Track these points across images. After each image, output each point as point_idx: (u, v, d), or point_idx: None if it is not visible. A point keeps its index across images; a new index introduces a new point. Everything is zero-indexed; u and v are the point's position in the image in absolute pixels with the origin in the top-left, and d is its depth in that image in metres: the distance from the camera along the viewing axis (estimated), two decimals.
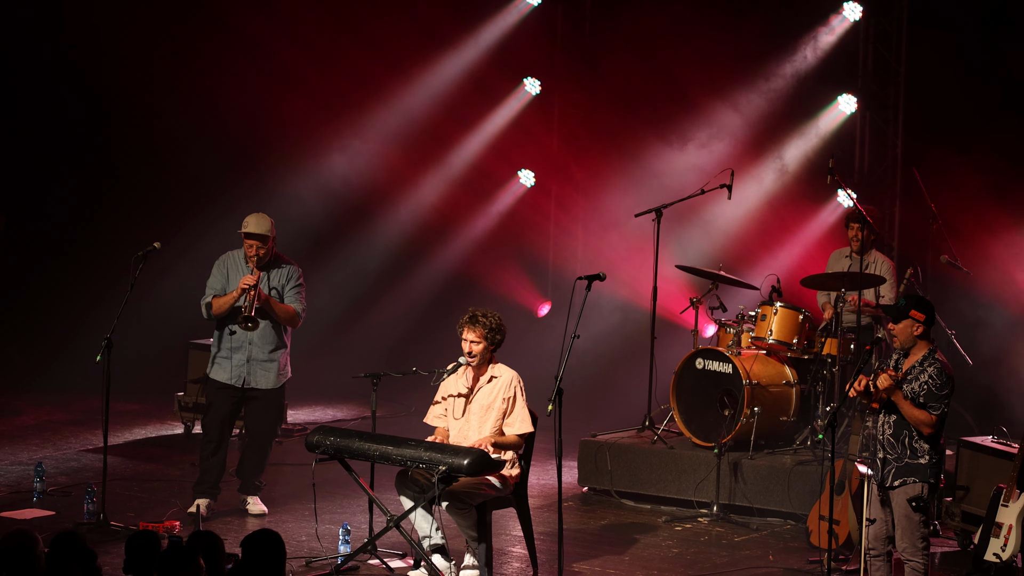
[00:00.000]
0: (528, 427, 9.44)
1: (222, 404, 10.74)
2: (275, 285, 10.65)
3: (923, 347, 8.58)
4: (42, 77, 15.81)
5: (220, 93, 15.90)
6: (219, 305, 10.57)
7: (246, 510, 10.83)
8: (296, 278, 10.70)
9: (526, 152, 16.47)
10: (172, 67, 15.85)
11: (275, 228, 10.63)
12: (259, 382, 10.67)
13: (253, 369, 10.65)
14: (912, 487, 8.49)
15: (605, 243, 15.75)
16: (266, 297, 10.51)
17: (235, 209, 15.73)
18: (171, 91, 15.88)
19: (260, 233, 10.53)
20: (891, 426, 8.54)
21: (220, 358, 10.69)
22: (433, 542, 9.35)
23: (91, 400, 14.42)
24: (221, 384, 10.69)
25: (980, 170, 13.63)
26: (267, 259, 10.61)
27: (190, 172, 16.28)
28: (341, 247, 16.70)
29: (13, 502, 10.93)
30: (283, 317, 10.62)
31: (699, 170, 14.54)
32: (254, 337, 10.58)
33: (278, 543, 6.59)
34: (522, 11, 16.22)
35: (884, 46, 14.46)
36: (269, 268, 10.65)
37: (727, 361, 11.79)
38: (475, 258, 16.46)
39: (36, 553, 6.48)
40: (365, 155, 16.44)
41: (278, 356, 10.70)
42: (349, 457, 9.36)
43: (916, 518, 8.50)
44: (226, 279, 10.65)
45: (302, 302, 10.70)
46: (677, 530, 11.08)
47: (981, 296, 13.47)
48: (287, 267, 10.72)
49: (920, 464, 8.49)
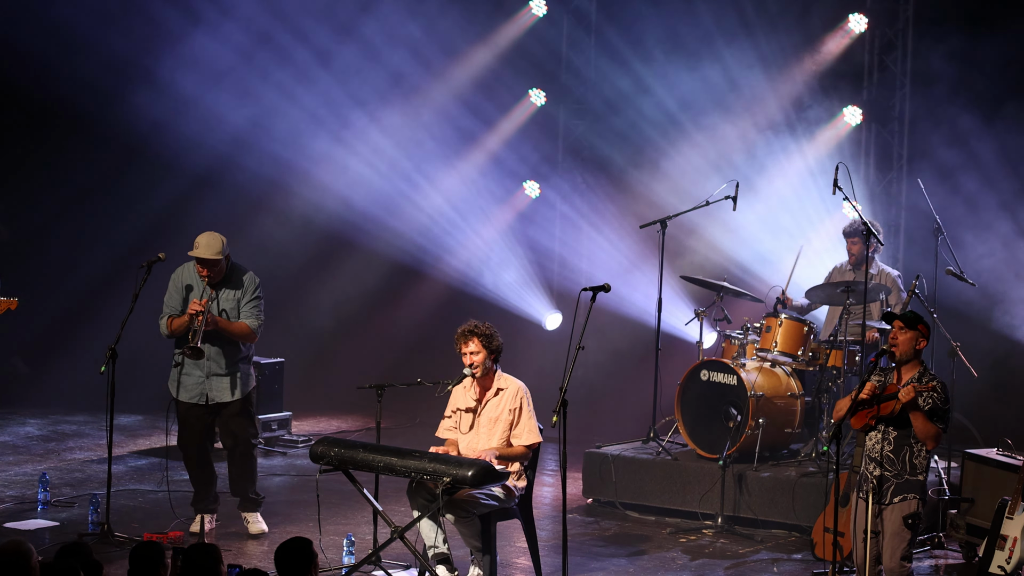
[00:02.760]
0: (535, 438, 9.45)
1: (193, 423, 10.58)
2: (231, 300, 10.48)
3: (916, 366, 8.57)
4: (42, 79, 15.82)
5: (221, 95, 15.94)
6: (175, 326, 10.42)
7: (247, 529, 10.67)
8: (253, 291, 10.53)
9: (531, 163, 16.47)
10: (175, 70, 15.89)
11: (226, 246, 10.41)
12: (222, 396, 10.51)
13: (213, 384, 10.49)
14: (910, 503, 8.49)
15: (610, 254, 15.75)
16: (215, 321, 10.32)
17: (238, 215, 15.83)
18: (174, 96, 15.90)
19: (209, 259, 10.36)
20: (891, 442, 8.51)
21: (182, 375, 10.54)
22: (439, 551, 9.34)
23: (95, 410, 14.46)
24: (184, 403, 10.58)
25: (985, 180, 13.64)
26: (220, 277, 10.48)
27: (193, 179, 16.28)
28: (346, 257, 16.70)
29: (18, 512, 10.93)
30: (238, 335, 10.47)
31: (704, 181, 14.53)
32: (211, 353, 10.43)
33: (308, 550, 6.72)
34: (528, 22, 16.24)
35: (889, 57, 14.46)
36: (223, 285, 10.50)
37: (732, 373, 11.78)
38: (480, 269, 16.45)
39: (31, 564, 6.44)
40: (371, 164, 16.44)
41: (237, 368, 10.53)
42: (353, 468, 9.35)
43: (907, 536, 8.52)
44: (182, 296, 10.51)
45: (259, 316, 10.52)
46: (682, 542, 11.07)
47: (985, 307, 13.46)
48: (245, 280, 10.54)
49: (918, 480, 8.50)
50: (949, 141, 13.90)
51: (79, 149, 16.65)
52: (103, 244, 16.74)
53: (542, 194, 16.51)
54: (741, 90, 14.90)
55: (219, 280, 10.49)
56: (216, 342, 10.45)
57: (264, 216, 16.12)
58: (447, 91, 16.28)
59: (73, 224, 16.99)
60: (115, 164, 16.83)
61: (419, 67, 16.16)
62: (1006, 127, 13.58)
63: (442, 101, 16.30)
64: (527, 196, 16.57)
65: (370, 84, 16.10)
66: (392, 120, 16.36)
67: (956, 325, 12.22)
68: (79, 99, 15.75)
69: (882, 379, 8.64)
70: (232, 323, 10.45)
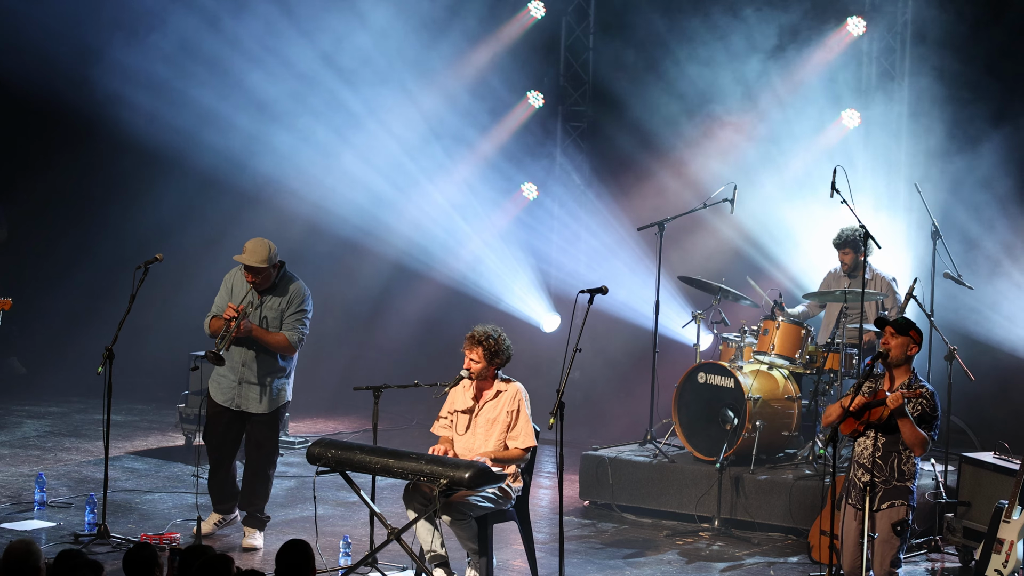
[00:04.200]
0: (531, 441, 9.44)
1: (217, 425, 10.52)
2: (274, 310, 10.36)
3: (906, 372, 8.58)
4: (42, 83, 15.82)
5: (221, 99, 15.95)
6: (214, 327, 10.35)
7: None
8: (298, 303, 10.39)
9: (529, 166, 16.47)
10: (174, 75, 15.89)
11: (275, 252, 10.30)
12: (250, 406, 10.42)
13: (244, 392, 10.41)
14: (898, 510, 8.52)
15: (608, 257, 15.75)
16: (251, 329, 10.22)
17: (240, 218, 15.84)
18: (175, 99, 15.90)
19: (254, 266, 10.24)
20: (880, 448, 8.53)
21: (218, 375, 10.49)
22: (436, 553, 9.34)
23: (92, 411, 14.46)
24: (216, 404, 10.52)
25: (983, 185, 13.65)
26: (267, 284, 10.36)
27: (195, 180, 16.29)
28: (345, 259, 16.70)
29: (14, 513, 10.92)
30: (274, 346, 10.34)
31: (702, 184, 14.54)
32: (247, 360, 10.37)
33: (307, 553, 6.69)
34: (525, 24, 16.24)
35: (887, 61, 14.47)
36: (271, 292, 10.38)
37: (729, 375, 11.78)
38: (478, 271, 16.45)
39: (39, 565, 6.47)
40: (370, 167, 16.44)
41: (270, 381, 10.41)
42: (350, 470, 9.34)
43: (896, 542, 8.55)
44: (228, 298, 10.42)
45: (300, 330, 10.38)
46: (678, 544, 11.07)
47: (983, 311, 13.46)
48: (291, 291, 10.41)
49: (907, 487, 8.52)
50: (947, 144, 13.90)
51: (79, 149, 16.66)
52: (102, 244, 16.76)
53: (540, 196, 16.51)
54: (739, 91, 14.89)
55: (267, 287, 10.37)
56: (252, 350, 10.35)
57: (263, 218, 16.10)
58: (445, 93, 16.28)
59: (72, 225, 16.99)
60: (115, 165, 16.85)
61: (418, 70, 16.15)
62: (1006, 129, 13.61)
63: (440, 103, 16.30)
64: (525, 198, 16.57)
65: (369, 86, 16.09)
66: (391, 122, 16.35)
67: (954, 328, 12.24)
68: (79, 101, 15.75)
69: (873, 386, 8.65)
70: (270, 333, 10.32)
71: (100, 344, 10.38)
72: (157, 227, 16.34)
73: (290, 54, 15.94)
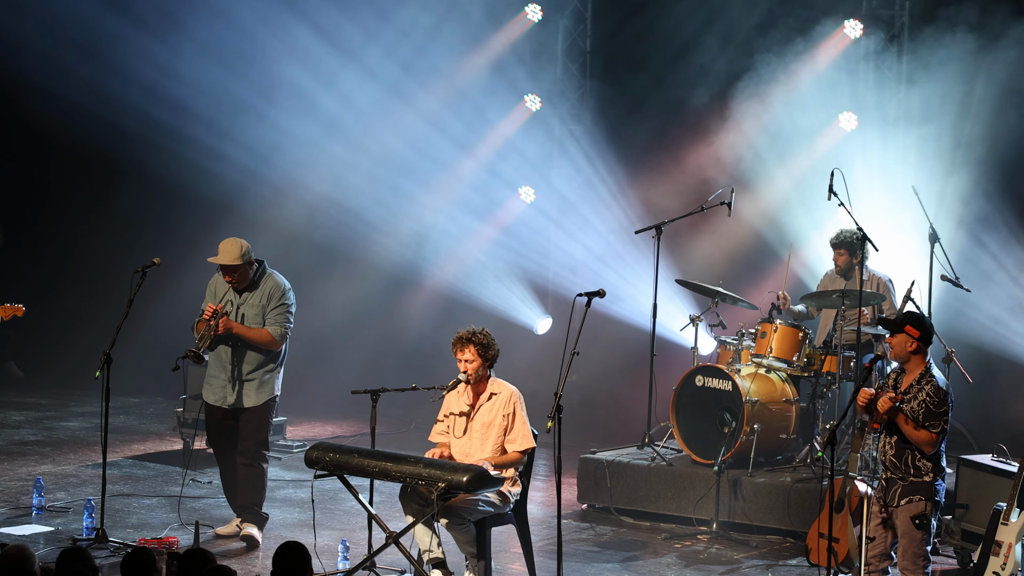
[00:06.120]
0: (529, 443, 9.44)
1: (215, 425, 10.61)
2: (254, 307, 10.42)
3: (920, 364, 8.59)
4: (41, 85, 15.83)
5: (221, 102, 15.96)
6: (198, 330, 10.40)
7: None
8: (279, 298, 10.46)
9: (525, 169, 16.48)
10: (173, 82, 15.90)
11: (248, 250, 10.35)
12: (242, 401, 10.51)
13: (236, 388, 10.49)
14: (916, 505, 8.52)
15: (605, 260, 15.76)
16: (230, 327, 10.29)
17: (236, 220, 15.84)
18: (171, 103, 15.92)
19: (228, 264, 10.33)
20: (892, 446, 8.57)
21: (210, 377, 10.59)
22: (433, 556, 9.34)
23: (90, 415, 14.45)
24: (210, 406, 10.60)
25: (979, 187, 13.66)
26: (246, 283, 10.44)
27: (192, 183, 16.29)
28: (341, 262, 16.70)
29: (12, 517, 10.91)
30: (257, 342, 10.42)
31: (699, 187, 14.54)
32: (235, 357, 10.44)
33: (303, 555, 6.68)
34: (523, 27, 16.26)
35: (884, 63, 14.48)
36: (250, 289, 10.46)
37: (727, 378, 11.78)
38: (475, 275, 16.46)
39: (33, 569, 6.47)
40: (366, 171, 16.45)
41: (259, 374, 10.49)
42: (348, 473, 9.35)
43: (918, 536, 8.53)
44: (213, 300, 10.52)
45: (283, 324, 10.44)
46: (676, 547, 11.07)
47: (980, 313, 13.47)
48: (270, 287, 10.48)
49: (924, 482, 8.52)
50: (944, 146, 13.91)
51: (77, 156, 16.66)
52: (100, 248, 16.75)
53: (537, 199, 16.52)
54: (736, 95, 14.91)
55: (245, 285, 10.45)
56: (237, 347, 10.43)
57: (260, 224, 16.11)
58: (443, 97, 16.29)
59: (70, 228, 16.99)
60: (115, 170, 16.85)
61: (415, 73, 16.16)
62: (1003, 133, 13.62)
63: (438, 106, 16.31)
64: (522, 201, 16.58)
65: (367, 90, 16.10)
66: (390, 125, 16.36)
67: (954, 330, 12.25)
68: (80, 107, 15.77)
69: (879, 387, 8.67)
70: (251, 329, 10.40)
71: (98, 348, 10.39)
72: (159, 230, 16.35)
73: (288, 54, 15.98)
